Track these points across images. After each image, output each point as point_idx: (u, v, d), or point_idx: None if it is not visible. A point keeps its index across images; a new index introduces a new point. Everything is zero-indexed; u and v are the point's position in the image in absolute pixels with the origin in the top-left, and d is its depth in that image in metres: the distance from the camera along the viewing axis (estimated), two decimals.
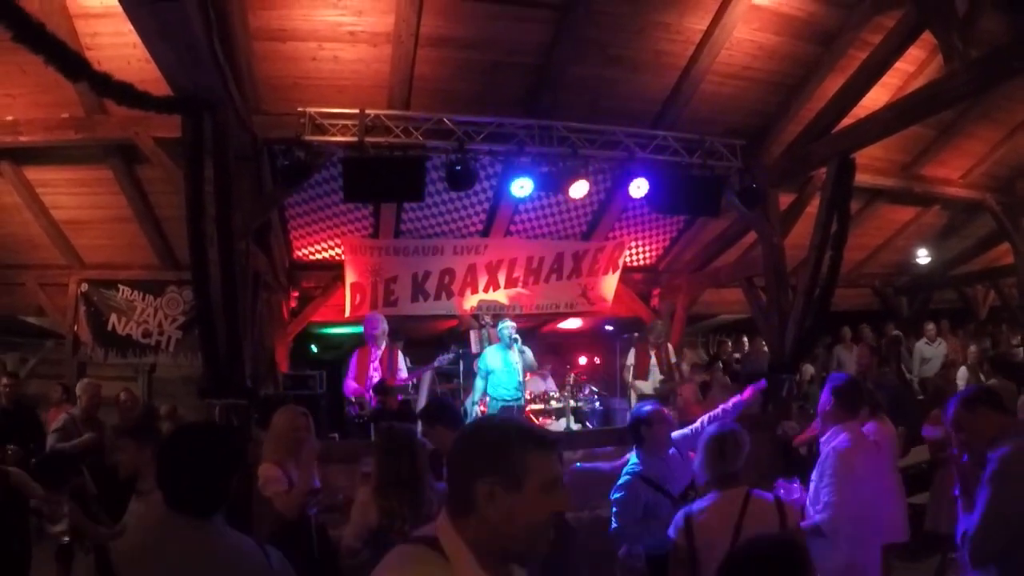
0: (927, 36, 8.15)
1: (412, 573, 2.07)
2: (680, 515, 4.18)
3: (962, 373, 12.14)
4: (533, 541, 2.15)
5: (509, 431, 2.21)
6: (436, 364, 10.40)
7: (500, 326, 10.61)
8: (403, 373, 9.81)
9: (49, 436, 8.46)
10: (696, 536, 4.03)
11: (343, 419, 9.77)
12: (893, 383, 10.28)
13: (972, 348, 12.46)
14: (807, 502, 5.00)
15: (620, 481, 5.42)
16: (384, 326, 9.73)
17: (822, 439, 5.08)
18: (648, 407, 5.55)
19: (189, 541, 2.82)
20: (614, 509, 5.37)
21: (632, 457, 5.51)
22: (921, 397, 12.54)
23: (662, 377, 11.49)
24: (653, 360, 11.69)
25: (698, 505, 4.21)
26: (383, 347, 9.63)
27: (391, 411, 9.09)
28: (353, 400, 9.42)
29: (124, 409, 9.41)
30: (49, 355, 14.31)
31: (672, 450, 5.62)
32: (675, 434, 5.87)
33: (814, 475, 4.97)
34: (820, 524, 4.62)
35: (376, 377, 9.43)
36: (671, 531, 4.18)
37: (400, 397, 9.51)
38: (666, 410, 5.66)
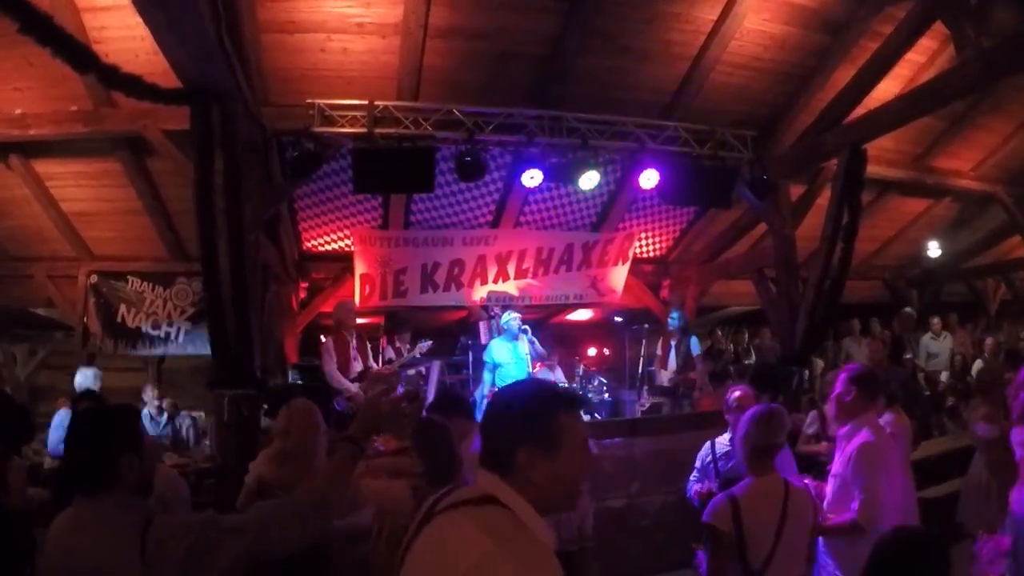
0: (938, 26, 8.09)
1: (500, 528, 2.09)
2: (722, 500, 4.07)
3: (978, 366, 12.09)
4: (569, 497, 2.31)
5: (544, 396, 2.28)
6: (407, 359, 10.39)
7: (505, 318, 10.61)
8: (373, 363, 9.91)
9: (51, 433, 8.49)
10: (744, 520, 3.95)
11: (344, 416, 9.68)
12: (903, 375, 10.24)
13: (989, 341, 12.38)
14: (827, 499, 4.91)
15: None
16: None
17: (840, 432, 4.94)
18: (736, 392, 5.83)
19: (69, 518, 2.90)
20: None
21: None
22: (927, 392, 12.54)
23: (674, 368, 11.49)
24: (673, 351, 11.69)
25: (740, 490, 4.12)
26: (355, 336, 9.69)
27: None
28: (344, 394, 9.33)
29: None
30: (59, 347, 14.36)
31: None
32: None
33: (836, 471, 4.87)
34: (857, 520, 4.51)
35: (357, 366, 9.43)
36: (709, 516, 4.07)
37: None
38: (739, 400, 5.75)
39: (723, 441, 5.95)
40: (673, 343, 11.65)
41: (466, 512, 2.18)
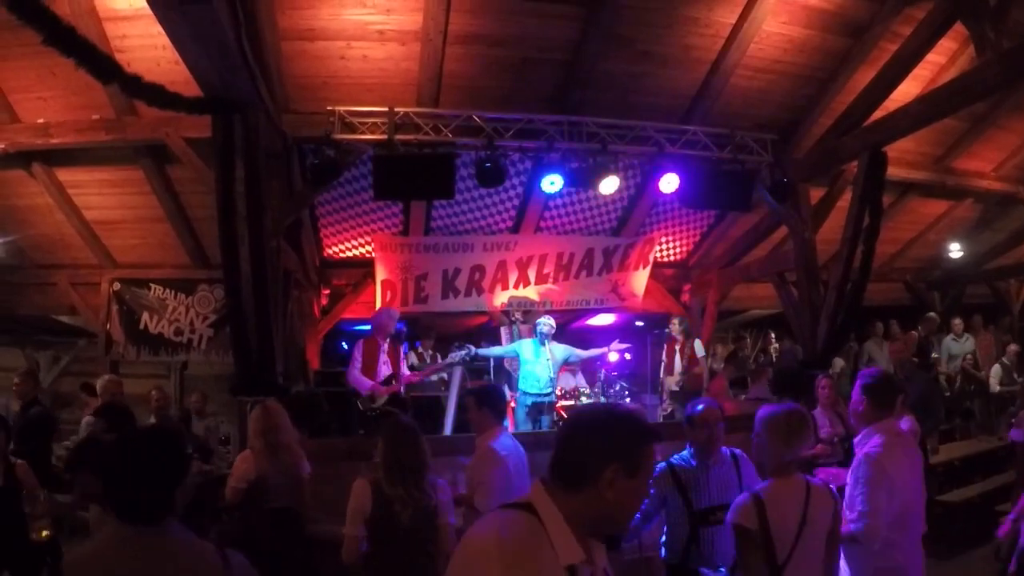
0: (958, 27, 8.06)
1: (510, 531, 2.20)
2: (747, 499, 4.03)
3: (995, 371, 12.03)
4: (625, 522, 2.44)
5: (638, 424, 2.40)
6: (447, 361, 10.43)
7: (539, 321, 10.64)
8: (405, 370, 9.96)
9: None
10: (769, 519, 3.93)
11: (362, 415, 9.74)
12: (923, 379, 10.20)
13: (1012, 347, 12.29)
14: (843, 505, 4.89)
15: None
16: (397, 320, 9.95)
17: (855, 440, 4.94)
18: (700, 407, 5.26)
19: (135, 549, 2.76)
20: None
21: (686, 449, 5.30)
22: (948, 393, 12.48)
23: (680, 371, 11.50)
24: (678, 356, 11.71)
25: (762, 489, 4.07)
26: (388, 342, 9.72)
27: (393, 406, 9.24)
28: (365, 394, 9.42)
29: (157, 408, 9.47)
30: (82, 354, 14.47)
31: (726, 461, 5.23)
32: None
33: (848, 478, 4.87)
34: (855, 534, 4.49)
35: (386, 371, 9.47)
36: (735, 515, 4.02)
37: (402, 391, 9.67)
38: (710, 417, 5.17)
39: (684, 463, 5.18)
40: (677, 348, 11.67)
41: (500, 513, 2.33)
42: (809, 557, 3.97)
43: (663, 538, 5.16)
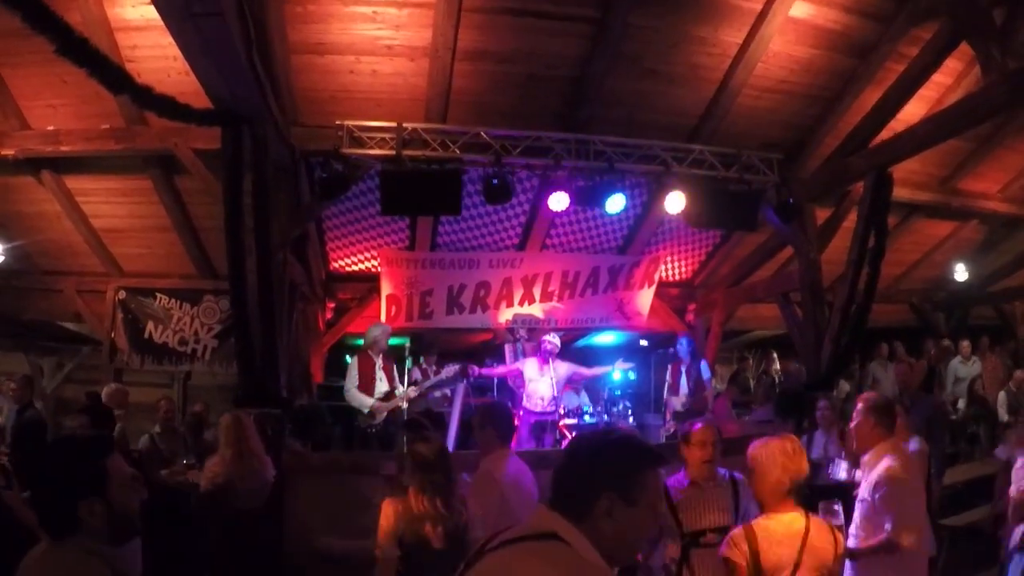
0: (964, 48, 8.07)
1: (565, 564, 2.11)
2: (739, 532, 3.92)
3: (1001, 398, 11.99)
4: (632, 550, 2.38)
5: (634, 450, 2.33)
6: (443, 376, 10.41)
7: (543, 339, 10.67)
8: (399, 386, 10.06)
9: None
10: (762, 555, 3.78)
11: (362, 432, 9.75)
12: (930, 405, 10.19)
13: (1019, 373, 12.23)
14: (854, 526, 4.88)
15: None
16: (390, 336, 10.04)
17: (863, 459, 4.95)
18: (697, 425, 5.16)
19: (38, 561, 2.63)
20: None
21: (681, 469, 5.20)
22: (954, 417, 12.44)
23: (686, 393, 11.50)
24: (683, 377, 11.70)
25: (757, 521, 3.96)
26: (382, 357, 9.76)
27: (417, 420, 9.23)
28: (366, 411, 9.45)
29: (164, 417, 9.48)
30: (85, 361, 14.48)
31: (723, 484, 5.09)
32: None
33: (862, 496, 4.86)
34: (891, 538, 4.50)
35: (383, 387, 9.48)
36: (725, 548, 3.90)
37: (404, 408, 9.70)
38: (706, 436, 5.05)
39: (679, 484, 5.11)
40: (683, 369, 11.67)
41: (528, 548, 2.19)
42: None
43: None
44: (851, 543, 4.81)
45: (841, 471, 11.07)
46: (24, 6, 4.25)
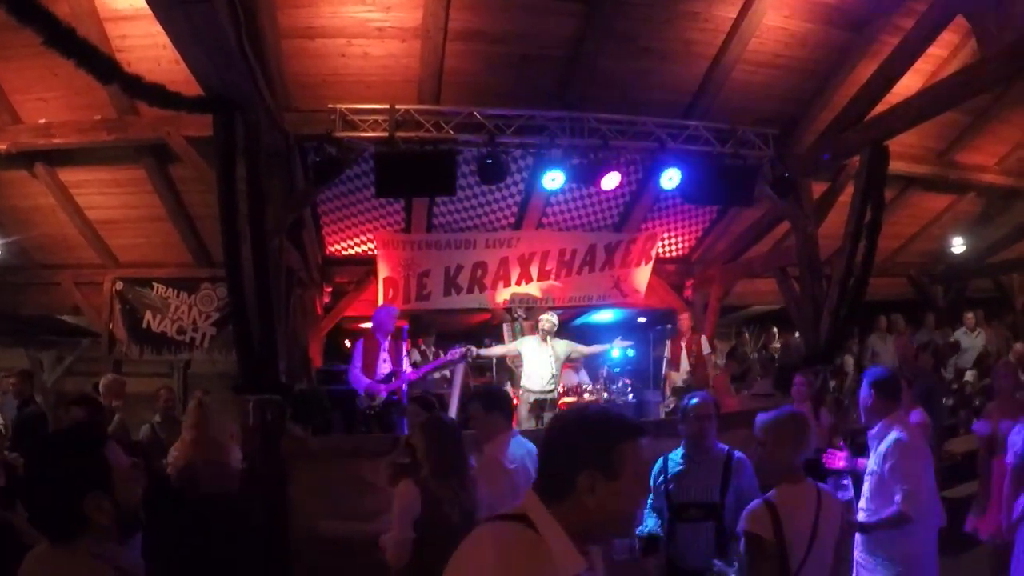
0: (960, 20, 8.03)
1: (509, 544, 2.13)
2: (760, 507, 3.94)
3: None
4: (623, 524, 2.29)
5: (610, 424, 2.26)
6: (447, 358, 10.41)
7: (541, 318, 10.67)
8: (408, 367, 9.98)
9: None
10: (784, 528, 3.83)
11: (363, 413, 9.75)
12: (930, 379, 10.20)
13: (1019, 346, 12.21)
14: (864, 498, 4.91)
15: None
16: (396, 317, 9.99)
17: (870, 433, 5.00)
18: (694, 400, 5.15)
19: (41, 571, 2.46)
20: None
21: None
22: (955, 386, 12.44)
23: (687, 368, 11.51)
24: (684, 352, 11.71)
25: (774, 495, 3.99)
26: (389, 339, 9.74)
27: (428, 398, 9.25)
28: (363, 393, 9.45)
29: (164, 407, 9.47)
30: (85, 353, 14.51)
31: (716, 460, 5.06)
32: None
33: (871, 469, 4.88)
34: (903, 510, 4.54)
35: (386, 368, 9.49)
36: (748, 524, 3.92)
37: (404, 390, 9.57)
38: (702, 411, 5.06)
39: (677, 458, 5.18)
40: (683, 343, 11.67)
41: (492, 526, 2.25)
42: (820, 567, 3.90)
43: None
44: (861, 517, 4.84)
45: (677, 380, 11.12)
46: None
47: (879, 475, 4.80)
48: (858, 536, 4.93)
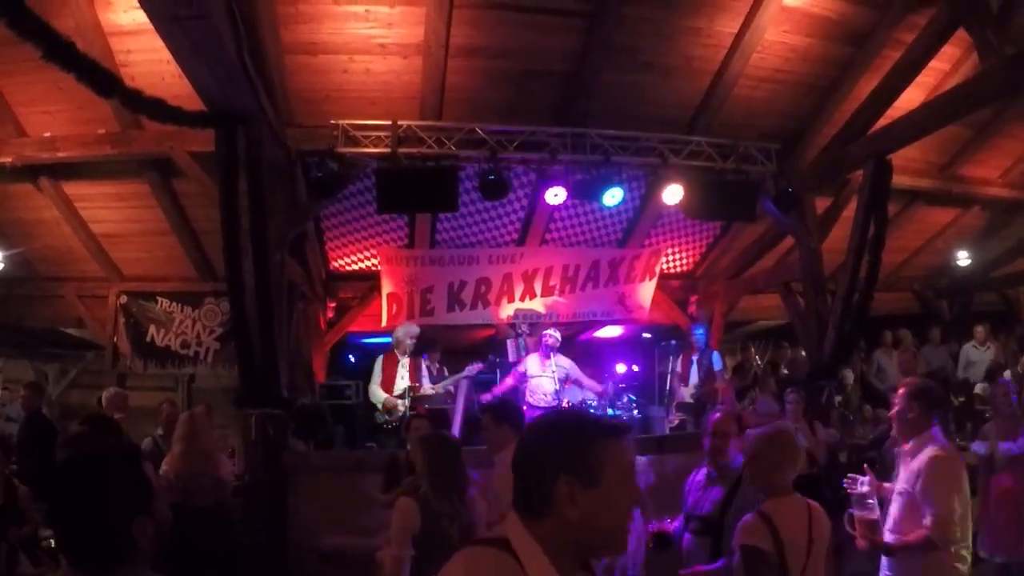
0: (961, 33, 8.04)
1: (485, 572, 1.94)
2: (755, 519, 3.89)
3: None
4: (616, 536, 2.07)
5: (584, 424, 2.12)
6: (465, 374, 10.44)
7: (544, 334, 10.69)
8: (426, 382, 10.05)
9: None
10: (782, 541, 3.78)
11: (379, 428, 9.79)
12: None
13: None
14: (892, 517, 4.68)
15: None
16: (416, 337, 10.03)
17: (904, 448, 4.72)
18: (716, 415, 5.14)
19: None
20: None
21: None
22: (962, 399, 12.38)
23: (696, 383, 11.47)
24: (694, 367, 11.67)
25: (766, 508, 3.94)
26: (409, 355, 9.77)
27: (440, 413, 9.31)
28: (381, 407, 9.51)
29: (167, 421, 9.48)
30: (89, 366, 14.51)
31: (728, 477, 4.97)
32: None
33: (900, 488, 4.70)
34: (931, 537, 4.33)
35: (404, 383, 9.51)
36: (746, 537, 3.87)
37: (426, 405, 9.57)
38: (722, 427, 5.00)
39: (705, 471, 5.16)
40: (694, 358, 11.63)
41: (469, 552, 2.05)
42: None
43: None
44: (889, 538, 4.64)
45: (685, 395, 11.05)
46: (8, 12, 4.25)
47: (910, 494, 4.54)
48: (884, 560, 4.71)
